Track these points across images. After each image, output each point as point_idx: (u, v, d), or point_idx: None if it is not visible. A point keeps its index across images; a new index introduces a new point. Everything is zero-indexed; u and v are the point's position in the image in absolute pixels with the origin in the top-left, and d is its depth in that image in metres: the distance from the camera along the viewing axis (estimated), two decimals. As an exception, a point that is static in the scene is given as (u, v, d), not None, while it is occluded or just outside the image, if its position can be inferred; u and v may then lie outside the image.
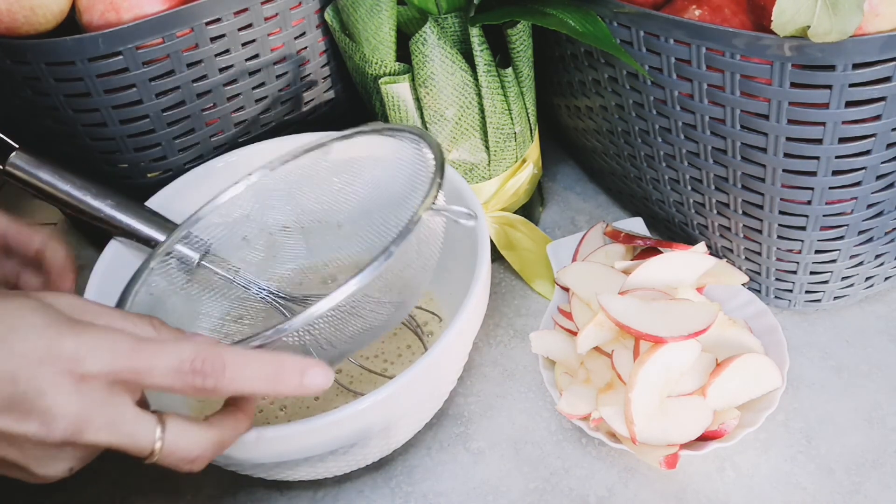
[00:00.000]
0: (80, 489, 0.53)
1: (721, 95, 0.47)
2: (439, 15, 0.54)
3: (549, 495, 0.50)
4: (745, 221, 0.54)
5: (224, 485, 0.52)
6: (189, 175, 0.56)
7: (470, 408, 0.55)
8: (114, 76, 0.52)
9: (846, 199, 0.49)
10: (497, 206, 0.61)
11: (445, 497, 0.50)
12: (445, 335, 0.44)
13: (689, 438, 0.47)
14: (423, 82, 0.53)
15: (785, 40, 0.42)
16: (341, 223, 0.59)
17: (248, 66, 0.57)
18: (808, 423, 0.52)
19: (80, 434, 0.33)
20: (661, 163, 0.56)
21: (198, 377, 0.34)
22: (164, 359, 0.33)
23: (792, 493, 0.48)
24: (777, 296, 0.58)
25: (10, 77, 0.53)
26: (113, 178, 0.58)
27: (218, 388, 0.34)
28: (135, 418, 0.34)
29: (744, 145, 0.49)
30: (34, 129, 0.57)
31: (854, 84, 0.43)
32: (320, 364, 0.36)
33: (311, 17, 0.59)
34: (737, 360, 0.49)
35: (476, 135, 0.56)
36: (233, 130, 0.60)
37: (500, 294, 0.63)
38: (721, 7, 0.49)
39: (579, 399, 0.50)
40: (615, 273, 0.54)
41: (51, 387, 0.32)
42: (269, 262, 0.58)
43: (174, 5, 0.52)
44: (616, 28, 0.50)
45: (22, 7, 0.50)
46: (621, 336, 0.51)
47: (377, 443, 0.47)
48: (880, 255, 0.54)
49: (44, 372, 0.32)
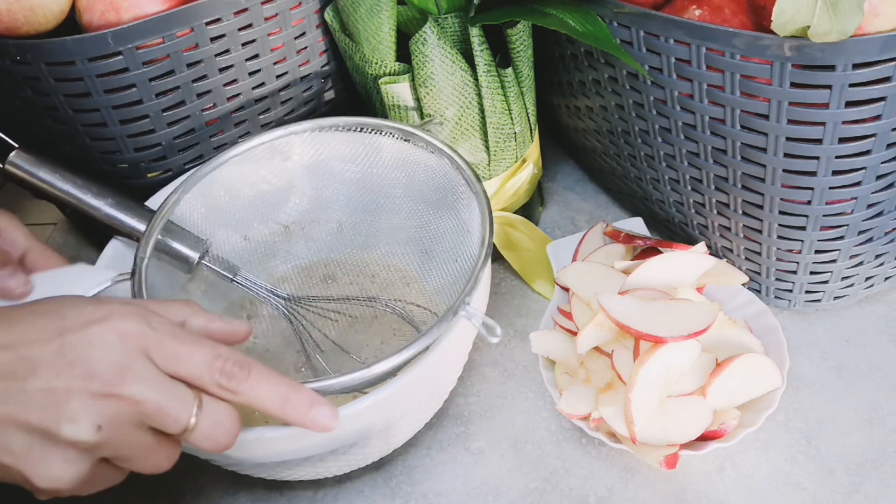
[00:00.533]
0: (80, 489, 0.53)
1: (721, 95, 0.47)
2: (439, 15, 0.54)
3: (549, 495, 0.50)
4: (745, 221, 0.54)
5: (224, 485, 0.52)
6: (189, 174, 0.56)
7: (470, 408, 0.55)
8: (114, 76, 0.52)
9: (846, 199, 0.49)
10: (497, 206, 0.61)
11: (445, 497, 0.50)
12: (445, 335, 0.44)
13: (689, 438, 0.47)
14: (423, 82, 0.53)
15: (785, 40, 0.42)
16: (341, 223, 0.59)
17: (248, 66, 0.57)
18: (808, 423, 0.52)
19: (120, 381, 0.33)
20: (661, 163, 0.56)
21: (224, 376, 0.36)
22: (202, 350, 0.36)
23: (792, 493, 0.48)
24: (777, 296, 0.58)
25: (10, 77, 0.53)
26: (113, 178, 0.58)
27: (238, 392, 0.36)
28: (174, 385, 0.35)
29: (744, 145, 0.49)
30: (34, 129, 0.57)
31: (854, 84, 0.43)
32: (331, 405, 0.38)
33: (311, 17, 0.59)
34: (737, 360, 0.49)
35: (476, 135, 0.56)
36: (233, 130, 0.60)
37: (500, 294, 0.63)
38: (721, 7, 0.49)
39: (579, 399, 0.50)
40: (615, 273, 0.54)
41: (96, 338, 0.34)
42: (270, 261, 0.58)
43: (174, 5, 0.52)
44: (616, 28, 0.50)
45: (22, 7, 0.50)
46: (621, 336, 0.51)
47: (377, 443, 0.47)
48: (880, 255, 0.54)
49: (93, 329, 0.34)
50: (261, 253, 0.58)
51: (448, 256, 0.52)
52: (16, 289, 0.44)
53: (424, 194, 0.54)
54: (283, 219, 0.58)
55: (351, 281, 0.59)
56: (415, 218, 0.56)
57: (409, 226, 0.56)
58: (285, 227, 0.58)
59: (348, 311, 0.57)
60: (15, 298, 0.44)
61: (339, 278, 0.59)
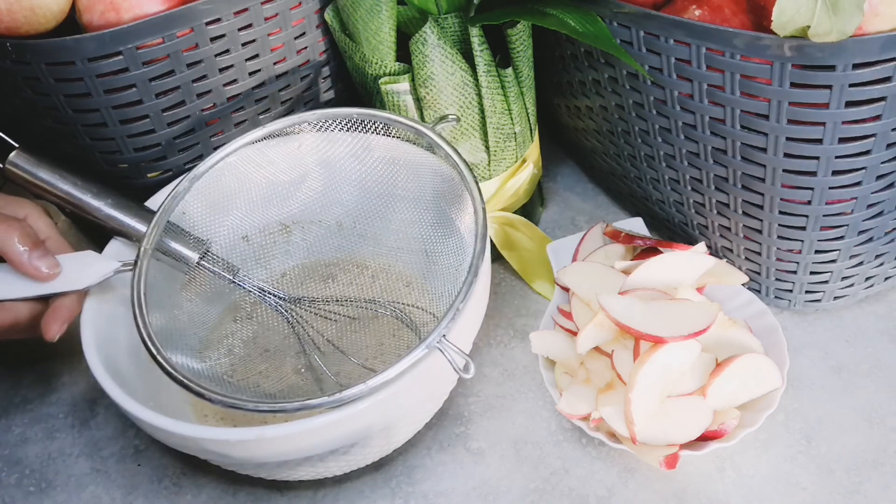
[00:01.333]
0: (80, 489, 0.53)
1: (721, 95, 0.47)
2: (439, 15, 0.54)
3: (549, 495, 0.50)
4: (745, 221, 0.54)
5: (224, 485, 0.52)
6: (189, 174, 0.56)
7: (470, 408, 0.55)
8: (114, 76, 0.52)
9: (846, 199, 0.49)
10: (497, 206, 0.61)
11: (445, 497, 0.50)
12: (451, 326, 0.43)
13: (689, 438, 0.47)
14: (423, 82, 0.53)
15: (785, 40, 0.42)
16: (342, 223, 0.59)
17: (248, 66, 0.57)
18: (808, 423, 0.52)
19: None
20: (661, 163, 0.56)
21: None
22: None
23: (792, 493, 0.48)
24: (777, 296, 0.58)
25: (10, 77, 0.53)
26: (113, 178, 0.58)
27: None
28: None
29: (744, 145, 0.49)
30: (34, 129, 0.57)
31: (854, 84, 0.43)
32: (51, 258, 0.47)
33: (311, 17, 0.59)
34: (737, 361, 0.49)
35: (476, 135, 0.56)
36: (233, 130, 0.60)
37: (500, 294, 0.63)
38: (721, 7, 0.49)
39: (579, 399, 0.50)
40: (615, 273, 0.54)
41: None
42: (269, 261, 0.58)
43: (174, 5, 0.52)
44: (616, 28, 0.50)
45: (22, 7, 0.50)
46: (621, 336, 0.51)
47: (377, 443, 0.47)
48: (880, 255, 0.54)
49: None
50: (261, 253, 0.58)
51: (450, 260, 0.52)
52: (44, 268, 0.47)
53: (428, 195, 0.54)
54: (283, 218, 0.58)
55: (350, 282, 0.59)
56: (416, 219, 0.55)
57: (410, 227, 0.56)
58: (285, 227, 0.58)
59: (347, 313, 0.57)
60: (42, 279, 0.48)
61: (338, 279, 0.59)
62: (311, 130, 0.53)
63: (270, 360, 0.54)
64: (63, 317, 0.48)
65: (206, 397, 0.43)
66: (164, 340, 0.46)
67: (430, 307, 0.57)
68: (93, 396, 0.59)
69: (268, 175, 0.55)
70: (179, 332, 0.50)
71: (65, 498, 0.53)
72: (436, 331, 0.42)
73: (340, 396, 0.41)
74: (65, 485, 0.54)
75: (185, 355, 0.48)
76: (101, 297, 0.50)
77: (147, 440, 0.55)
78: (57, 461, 0.55)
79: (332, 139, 0.54)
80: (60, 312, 0.48)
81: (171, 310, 0.51)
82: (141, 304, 0.47)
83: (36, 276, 0.47)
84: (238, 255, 0.56)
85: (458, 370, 0.41)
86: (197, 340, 0.53)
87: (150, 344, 0.45)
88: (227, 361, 0.53)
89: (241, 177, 0.54)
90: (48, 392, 0.59)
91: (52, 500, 0.53)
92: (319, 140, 0.54)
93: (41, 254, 0.48)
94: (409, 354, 0.41)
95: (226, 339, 0.55)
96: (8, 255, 0.47)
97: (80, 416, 0.58)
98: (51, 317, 0.48)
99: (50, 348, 0.62)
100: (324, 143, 0.55)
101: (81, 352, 0.46)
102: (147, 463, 0.54)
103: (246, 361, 0.53)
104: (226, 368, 0.53)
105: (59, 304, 0.48)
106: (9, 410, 0.59)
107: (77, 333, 0.47)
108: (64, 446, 0.56)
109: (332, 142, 0.55)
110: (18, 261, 0.47)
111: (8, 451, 0.56)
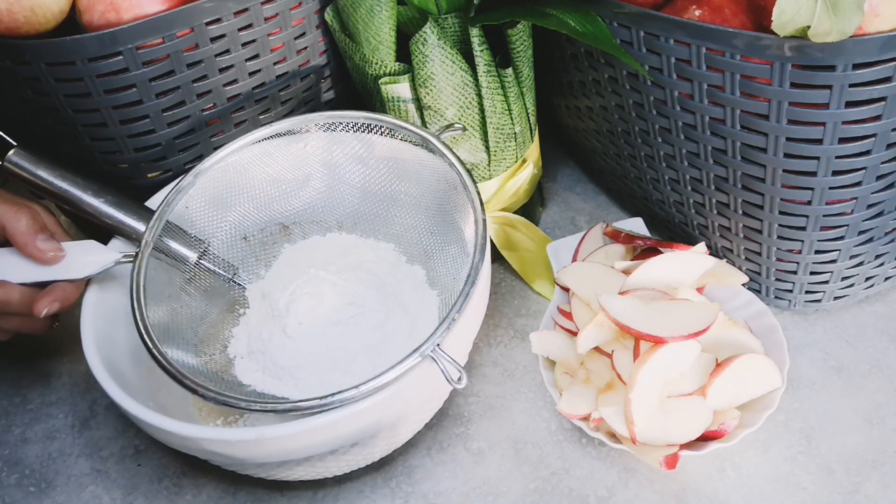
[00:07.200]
0: (80, 489, 0.53)
1: (721, 96, 0.47)
2: (439, 15, 0.54)
3: (549, 495, 0.50)
4: (745, 221, 0.54)
5: (224, 485, 0.52)
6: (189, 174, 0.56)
7: (470, 408, 0.55)
8: (114, 76, 0.52)
9: (846, 199, 0.49)
10: (497, 206, 0.61)
11: (445, 497, 0.50)
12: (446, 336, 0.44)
13: (689, 438, 0.47)
14: (423, 82, 0.53)
15: (785, 40, 0.42)
16: (342, 223, 0.59)
17: (248, 67, 0.57)
18: (808, 423, 0.52)
19: None
20: (661, 163, 0.56)
21: None
22: None
23: (792, 493, 0.48)
24: (777, 296, 0.58)
25: (10, 77, 0.53)
26: (113, 178, 0.58)
27: None
28: None
29: (744, 145, 0.49)
30: (34, 129, 0.57)
31: (854, 84, 0.43)
32: None
33: (311, 17, 0.59)
34: (737, 361, 0.49)
35: (476, 135, 0.56)
36: (233, 130, 0.60)
37: (500, 294, 0.63)
38: (721, 7, 0.49)
39: (579, 399, 0.50)
40: (615, 273, 0.54)
41: None
42: (268, 261, 0.58)
43: (174, 5, 0.52)
44: (616, 28, 0.50)
45: (22, 7, 0.50)
46: (621, 336, 0.51)
47: (377, 443, 0.47)
48: (880, 255, 0.54)
49: None
50: (260, 253, 0.58)
51: (452, 262, 0.52)
52: (48, 251, 0.48)
53: (429, 197, 0.54)
54: (283, 219, 0.58)
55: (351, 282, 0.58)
56: (416, 224, 0.55)
57: (409, 232, 0.56)
58: (285, 228, 0.58)
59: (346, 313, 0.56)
60: (46, 262, 0.48)
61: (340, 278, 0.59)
62: (317, 131, 0.53)
63: (266, 359, 0.54)
64: (56, 296, 0.48)
65: (199, 393, 0.43)
66: (162, 335, 0.46)
67: (429, 311, 0.57)
68: (93, 396, 0.59)
69: (272, 173, 0.55)
70: (177, 326, 0.51)
71: (65, 498, 0.53)
72: (429, 340, 0.42)
73: (332, 399, 0.41)
74: (65, 485, 0.54)
75: (182, 350, 0.49)
76: (101, 297, 0.50)
77: (147, 440, 0.55)
78: (57, 461, 0.55)
79: (338, 139, 0.54)
80: (54, 292, 0.49)
81: (169, 304, 0.51)
82: (140, 296, 0.47)
83: (40, 258, 0.48)
84: (238, 255, 0.56)
85: (451, 381, 0.41)
86: (194, 336, 0.53)
87: (146, 337, 0.45)
88: (222, 358, 0.53)
89: (246, 174, 0.54)
90: (48, 392, 0.59)
91: (52, 500, 0.53)
92: (326, 140, 0.54)
93: (46, 237, 0.48)
94: (401, 363, 0.41)
95: (222, 336, 0.55)
96: (14, 235, 0.48)
97: (80, 416, 0.58)
98: (44, 295, 0.48)
99: (50, 348, 0.62)
100: (330, 143, 0.55)
101: (82, 352, 0.47)
102: (147, 463, 0.54)
103: (241, 359, 0.53)
104: (221, 365, 0.53)
105: (54, 286, 0.49)
106: (9, 410, 0.59)
107: (77, 334, 0.47)
108: (64, 446, 0.56)
109: (337, 142, 0.55)
110: (24, 241, 0.48)
111: (8, 451, 0.56)
